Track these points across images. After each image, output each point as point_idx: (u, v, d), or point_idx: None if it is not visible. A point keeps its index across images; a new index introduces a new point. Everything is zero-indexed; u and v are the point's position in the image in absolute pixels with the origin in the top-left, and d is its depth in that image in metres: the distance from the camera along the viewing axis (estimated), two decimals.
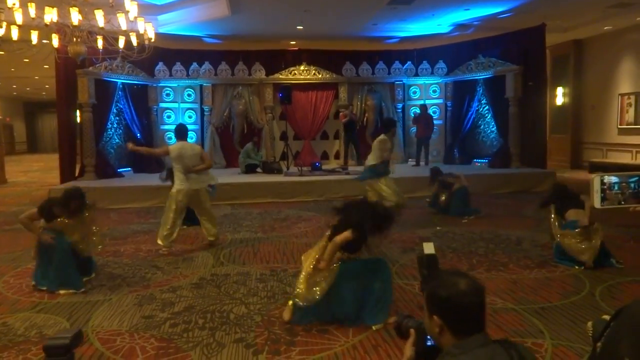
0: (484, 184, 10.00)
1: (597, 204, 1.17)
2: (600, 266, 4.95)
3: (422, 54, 13.37)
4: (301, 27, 11.61)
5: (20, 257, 5.88)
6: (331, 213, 4.00)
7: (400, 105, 13.18)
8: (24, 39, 7.00)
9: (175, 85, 12.48)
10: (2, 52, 12.13)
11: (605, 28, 12.22)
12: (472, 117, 12.55)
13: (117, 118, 11.66)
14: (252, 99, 12.74)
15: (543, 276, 4.78)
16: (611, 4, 10.02)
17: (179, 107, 12.58)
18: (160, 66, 12.24)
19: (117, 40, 7.52)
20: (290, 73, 12.78)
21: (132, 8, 7.04)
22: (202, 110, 12.63)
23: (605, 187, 1.14)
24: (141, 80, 11.91)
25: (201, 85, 12.56)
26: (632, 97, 12.12)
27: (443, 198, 7.99)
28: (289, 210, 8.63)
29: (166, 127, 12.44)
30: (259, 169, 11.34)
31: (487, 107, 12.32)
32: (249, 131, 12.84)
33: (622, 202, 1.15)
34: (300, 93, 12.77)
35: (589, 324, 1.56)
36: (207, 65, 12.52)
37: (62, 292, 4.52)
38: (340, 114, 12.53)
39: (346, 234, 3.69)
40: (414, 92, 13.33)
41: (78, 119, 10.93)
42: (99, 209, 9.00)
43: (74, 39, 7.09)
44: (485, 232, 6.62)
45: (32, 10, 6.52)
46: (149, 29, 7.66)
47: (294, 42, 13.37)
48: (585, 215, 5.03)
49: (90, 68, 10.32)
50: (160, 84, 12.33)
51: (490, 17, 10.99)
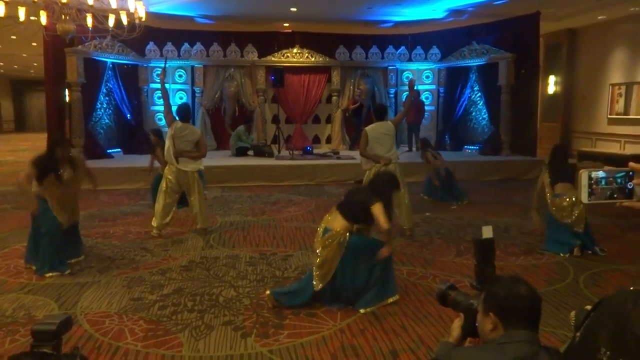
0: (474, 170, 10.06)
1: (584, 199, 1.19)
2: (586, 251, 5.04)
3: (416, 39, 13.30)
4: (295, 9, 11.47)
5: (7, 237, 5.85)
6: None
7: (392, 90, 13.14)
8: (11, 15, 6.85)
9: (166, 65, 12.31)
10: None
11: (599, 17, 12.21)
12: (464, 104, 12.57)
13: (107, 98, 11.52)
14: (244, 81, 12.64)
15: (529, 263, 4.85)
16: None
17: (170, 88, 12.40)
18: (151, 46, 12.07)
19: (107, 18, 7.39)
20: (283, 56, 12.66)
21: None
22: (194, 92, 12.51)
23: (593, 182, 1.16)
24: (131, 60, 11.74)
25: (192, 66, 12.41)
26: (623, 88, 12.18)
27: (437, 183, 7.98)
28: (280, 194, 8.64)
29: (156, 107, 12.31)
30: (250, 152, 11.29)
31: (479, 94, 12.33)
32: (240, 113, 12.74)
33: (609, 197, 1.16)
34: (293, 76, 12.67)
35: (572, 313, 1.59)
36: (198, 46, 12.37)
37: (48, 274, 4.50)
38: (348, 102, 12.45)
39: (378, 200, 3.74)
40: (407, 77, 13.28)
41: (67, 98, 10.79)
42: (88, 190, 8.98)
43: (63, 17, 6.95)
44: (473, 219, 6.68)
45: None
46: (139, 8, 7.52)
47: (287, 24, 13.22)
48: (574, 190, 4.96)
49: (80, 47, 10.15)
50: (151, 64, 12.17)
51: (485, 3, 10.91)
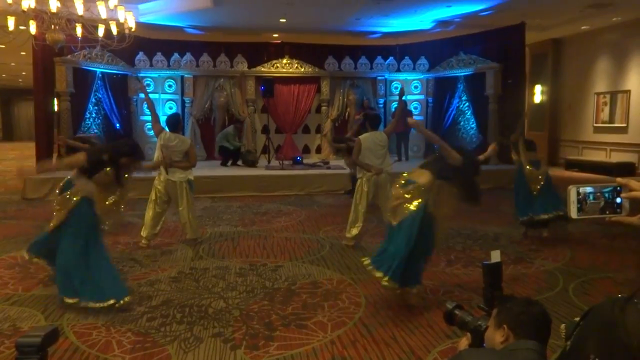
0: None
1: (574, 214, 1.21)
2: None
3: (404, 50, 13.43)
4: (284, 20, 11.54)
5: None
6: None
7: (382, 101, 13.22)
8: (0, 25, 6.82)
9: (156, 75, 12.30)
10: None
11: (583, 28, 12.43)
12: (453, 114, 12.67)
13: (96, 108, 11.44)
14: (234, 91, 12.65)
15: (519, 272, 4.87)
16: (588, 4, 10.18)
17: (160, 98, 12.40)
18: (141, 56, 12.05)
19: (96, 28, 7.38)
20: (273, 66, 12.71)
21: None
22: (183, 102, 12.48)
23: (581, 197, 1.18)
24: (121, 70, 11.71)
25: (182, 77, 12.40)
26: (607, 96, 12.37)
27: None
28: (270, 204, 8.62)
29: (146, 117, 12.26)
30: (238, 162, 11.26)
31: (467, 103, 12.44)
32: (230, 124, 12.72)
33: (598, 212, 1.18)
34: (283, 86, 12.71)
35: (562, 326, 1.63)
36: (188, 56, 12.37)
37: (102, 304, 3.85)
38: (356, 115, 12.42)
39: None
40: (396, 88, 13.35)
41: (55, 108, 10.72)
42: None
43: (52, 26, 6.92)
44: (463, 228, 6.71)
45: None
46: (129, 18, 7.53)
47: (276, 35, 13.29)
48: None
49: (69, 56, 10.11)
50: (141, 74, 12.13)
51: (471, 14, 11.08)
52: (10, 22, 6.90)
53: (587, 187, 1.18)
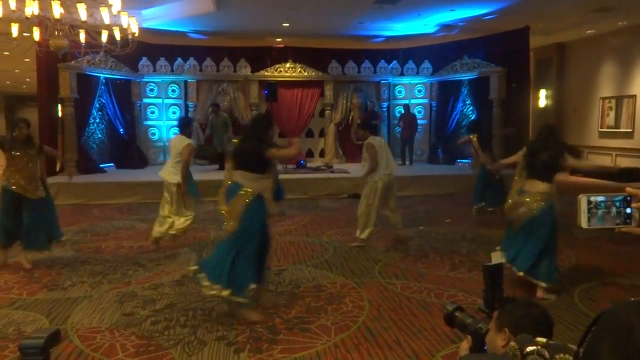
0: (467, 184, 10.07)
1: (584, 224, 1.18)
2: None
3: (407, 54, 13.43)
4: (287, 24, 11.57)
5: None
6: None
7: (385, 105, 13.23)
8: (4, 32, 6.87)
9: (160, 80, 12.35)
10: None
11: (588, 32, 12.41)
12: (457, 118, 12.66)
13: (100, 113, 11.50)
14: (237, 95, 12.67)
15: (523, 277, 4.83)
16: (593, 8, 10.17)
17: (163, 102, 12.46)
18: (144, 61, 12.10)
19: (99, 34, 7.41)
20: (276, 70, 12.73)
21: (115, 2, 6.93)
22: (187, 106, 12.52)
23: (592, 206, 1.16)
24: (124, 75, 11.76)
25: (186, 81, 12.45)
26: (613, 101, 12.33)
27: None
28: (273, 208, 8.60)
29: (150, 122, 12.32)
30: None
31: (471, 107, 12.43)
32: (233, 128, 12.75)
33: (608, 222, 1.16)
34: (286, 90, 12.73)
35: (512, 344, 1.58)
36: (191, 61, 12.41)
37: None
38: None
39: None
40: (399, 92, 13.39)
41: (59, 114, 10.76)
42: (80, 204, 8.92)
43: (56, 33, 6.96)
44: (467, 233, 6.68)
45: (12, 2, 6.39)
46: (132, 24, 7.56)
47: (279, 39, 13.32)
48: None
49: (73, 62, 10.15)
50: (144, 79, 12.20)
51: (475, 18, 11.08)
52: (14, 29, 6.95)
53: (598, 196, 1.16)
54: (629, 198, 1.14)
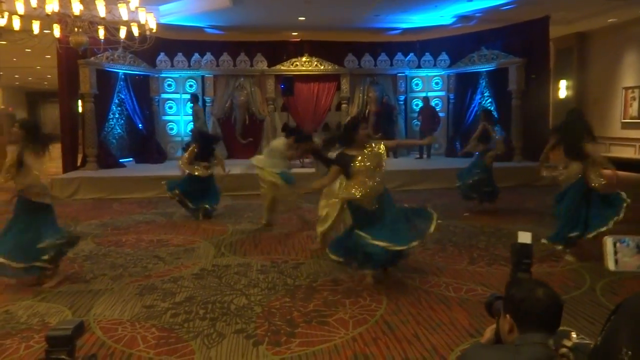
0: None
1: (611, 267, 1.17)
2: None
3: (424, 46, 13.30)
4: (303, 18, 11.54)
5: None
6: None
7: (402, 97, 13.13)
8: (26, 29, 6.97)
9: (177, 75, 12.45)
10: (4, 42, 12.09)
11: (610, 21, 12.13)
12: (475, 110, 12.50)
13: (119, 108, 11.65)
14: (254, 90, 12.71)
15: (544, 271, 4.78)
16: None
17: (181, 97, 12.56)
18: (162, 57, 12.20)
19: (118, 30, 7.49)
20: (292, 64, 12.72)
21: None
22: (204, 101, 12.60)
23: (617, 250, 1.14)
24: (143, 71, 11.88)
25: (203, 76, 12.52)
26: (636, 91, 12.05)
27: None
28: None
29: (167, 117, 12.43)
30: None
31: (489, 99, 12.27)
32: (250, 122, 12.81)
33: (636, 266, 1.14)
34: (302, 84, 12.72)
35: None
36: (208, 56, 12.47)
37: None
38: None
39: None
40: (416, 84, 13.27)
41: (80, 109, 10.93)
42: (101, 199, 9.06)
43: (76, 29, 7.05)
44: (486, 226, 6.62)
45: (33, 0, 6.49)
46: (150, 20, 7.62)
47: (296, 33, 13.30)
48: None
49: (92, 58, 10.29)
50: (162, 75, 12.30)
51: (493, 8, 10.90)
52: (35, 26, 7.05)
53: (624, 239, 1.14)
54: None
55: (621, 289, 4.28)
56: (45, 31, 7.35)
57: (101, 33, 7.34)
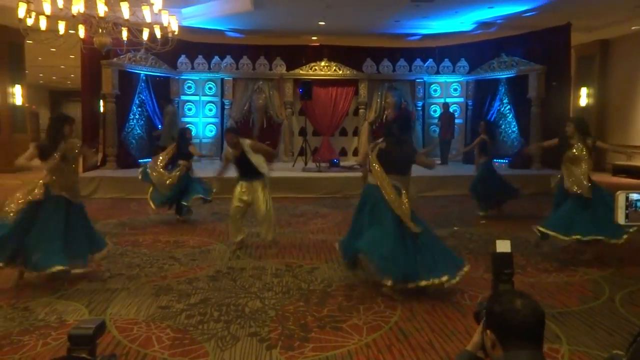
0: None
1: (621, 220, 1.18)
2: None
3: (443, 52, 13.24)
4: (323, 23, 11.59)
5: None
6: None
7: (420, 103, 13.09)
8: (52, 29, 7.12)
9: (197, 78, 12.58)
10: (31, 42, 12.34)
11: (633, 28, 11.95)
12: (494, 117, 12.39)
13: (140, 109, 11.80)
14: (273, 93, 12.78)
15: (562, 280, 4.72)
16: (638, 4, 9.78)
17: (200, 100, 12.68)
18: (183, 59, 12.34)
19: (141, 32, 7.61)
20: (311, 69, 12.77)
21: (156, 1, 7.11)
22: (223, 104, 12.71)
23: (629, 204, 1.15)
24: (164, 73, 12.02)
25: (222, 79, 12.63)
26: None
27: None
28: (306, 206, 8.65)
29: (186, 119, 12.55)
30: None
31: (508, 106, 12.16)
32: (268, 126, 12.88)
33: None
34: (320, 89, 12.76)
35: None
36: (228, 59, 12.58)
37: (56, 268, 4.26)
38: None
39: None
40: (435, 90, 13.22)
41: (101, 109, 11.10)
42: (119, 198, 9.17)
43: (100, 30, 7.18)
44: (503, 234, 6.55)
45: (60, 1, 6.63)
46: (172, 22, 7.73)
47: (315, 38, 13.36)
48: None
49: (115, 59, 10.45)
50: (182, 77, 12.44)
51: (514, 15, 10.83)
52: (61, 27, 7.19)
53: (636, 193, 1.15)
54: None
55: None
56: (70, 31, 7.50)
57: (124, 34, 7.46)
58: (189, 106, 12.63)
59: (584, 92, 13.93)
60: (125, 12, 6.87)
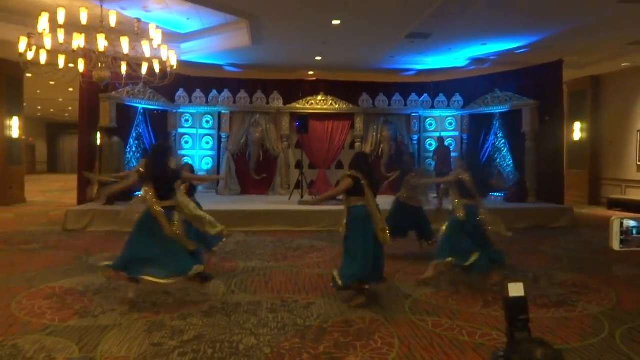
0: (500, 218, 9.86)
1: (616, 246, 1.18)
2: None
3: (438, 87, 13.46)
4: (320, 58, 11.79)
5: (34, 277, 5.91)
6: None
7: (415, 137, 13.21)
8: (51, 63, 7.20)
9: (195, 111, 12.69)
10: (30, 75, 12.49)
11: (623, 65, 12.20)
12: (489, 151, 12.51)
13: (137, 142, 11.83)
14: (269, 127, 12.88)
15: (561, 316, 4.66)
16: (629, 41, 10.02)
17: (197, 133, 12.76)
18: (181, 92, 12.48)
19: (140, 66, 7.71)
20: (308, 103, 12.92)
21: (156, 36, 7.24)
22: (220, 137, 12.78)
23: (624, 230, 1.15)
24: (161, 106, 12.12)
25: (219, 112, 12.75)
26: None
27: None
28: (302, 240, 8.60)
29: (183, 152, 12.59)
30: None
31: (503, 140, 12.28)
32: (265, 158, 12.94)
33: None
34: (317, 122, 12.88)
35: None
36: (226, 93, 12.73)
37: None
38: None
39: None
40: (430, 124, 13.37)
41: (98, 142, 11.11)
42: (114, 231, 9.10)
43: (99, 64, 7.29)
44: (500, 268, 6.48)
45: (61, 35, 6.73)
46: (171, 57, 7.85)
47: (312, 72, 13.56)
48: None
49: (113, 92, 10.53)
50: (180, 110, 12.55)
51: (506, 52, 11.06)
52: (61, 61, 7.29)
53: (631, 220, 1.16)
54: None
55: None
56: (70, 65, 7.60)
57: (123, 68, 7.56)
58: (186, 139, 12.70)
59: (577, 126, 14.12)
60: (125, 47, 6.99)
